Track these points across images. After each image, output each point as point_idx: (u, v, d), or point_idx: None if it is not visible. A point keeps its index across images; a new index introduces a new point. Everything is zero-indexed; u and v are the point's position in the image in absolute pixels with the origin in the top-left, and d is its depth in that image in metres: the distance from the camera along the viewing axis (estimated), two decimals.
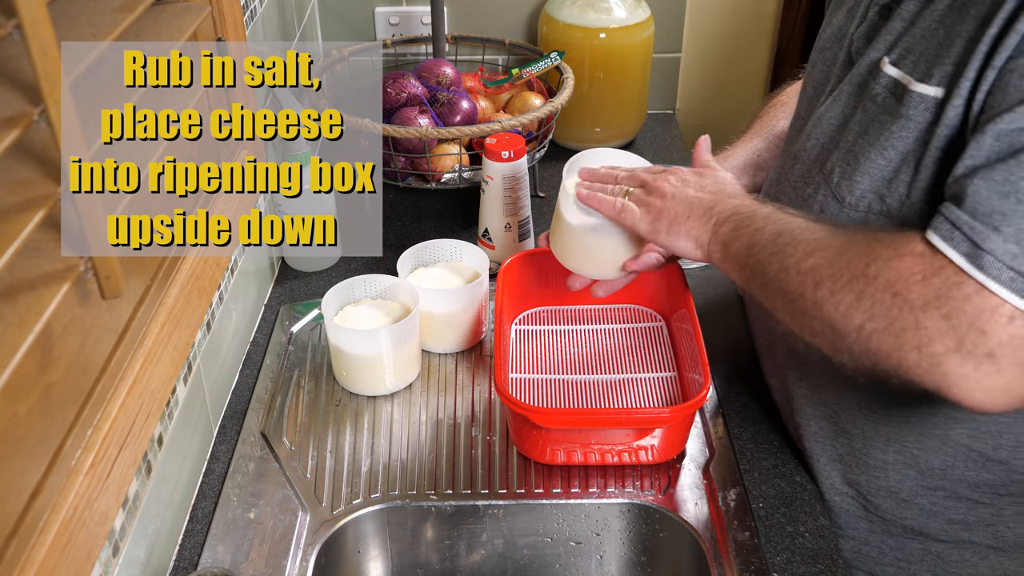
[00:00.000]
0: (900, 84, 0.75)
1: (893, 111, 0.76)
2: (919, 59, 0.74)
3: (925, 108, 0.73)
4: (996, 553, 0.86)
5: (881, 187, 0.77)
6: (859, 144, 0.79)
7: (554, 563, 0.94)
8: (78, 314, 0.62)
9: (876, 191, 0.78)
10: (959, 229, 0.66)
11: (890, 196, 0.77)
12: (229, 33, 0.91)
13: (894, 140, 0.75)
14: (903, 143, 0.75)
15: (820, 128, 0.86)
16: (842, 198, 0.81)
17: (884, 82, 0.77)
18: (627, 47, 1.48)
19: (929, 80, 0.73)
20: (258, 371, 1.06)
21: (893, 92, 0.76)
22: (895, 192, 0.76)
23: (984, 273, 0.64)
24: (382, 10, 1.60)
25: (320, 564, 0.85)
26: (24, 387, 0.55)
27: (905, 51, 0.76)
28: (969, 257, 0.65)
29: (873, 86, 0.78)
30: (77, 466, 0.60)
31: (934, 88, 0.72)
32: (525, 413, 0.88)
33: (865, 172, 0.78)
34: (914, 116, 0.74)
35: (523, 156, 1.19)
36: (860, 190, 0.79)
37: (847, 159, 0.80)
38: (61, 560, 0.57)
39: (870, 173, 0.78)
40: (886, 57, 0.78)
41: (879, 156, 0.77)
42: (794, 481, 0.91)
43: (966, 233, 0.66)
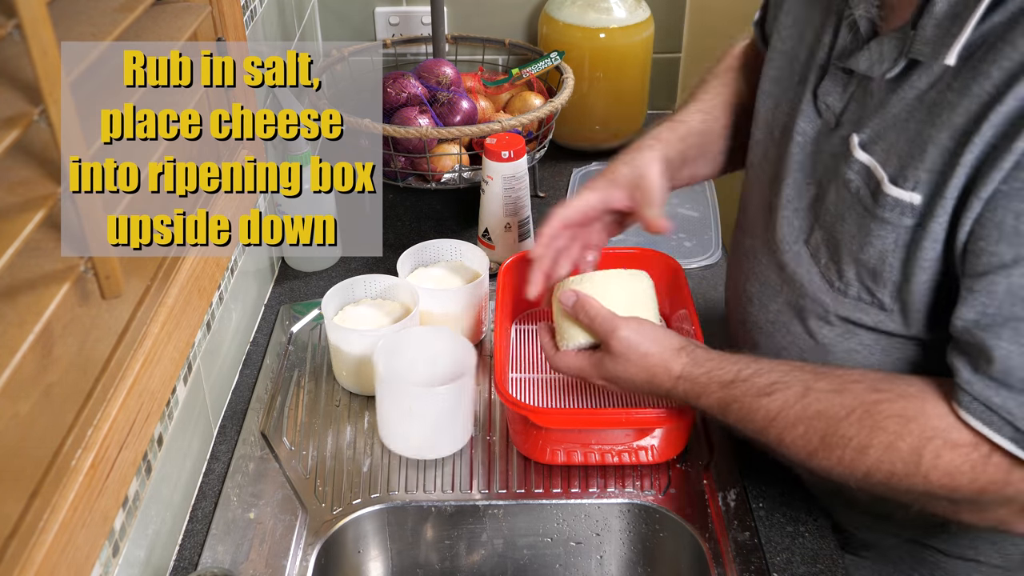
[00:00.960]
0: (873, 178, 0.72)
1: (870, 209, 0.73)
2: (890, 151, 0.72)
3: (902, 212, 0.70)
4: (1003, 573, 0.86)
5: (868, 280, 0.75)
6: (839, 230, 0.76)
7: (554, 563, 0.94)
8: (78, 314, 0.62)
9: (862, 282, 0.76)
10: (996, 412, 0.65)
11: (879, 291, 0.75)
12: (229, 33, 0.91)
13: (874, 239, 0.73)
14: (883, 243, 0.72)
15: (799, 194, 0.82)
16: (831, 282, 0.78)
17: (856, 168, 0.74)
18: (627, 47, 1.48)
19: (903, 183, 0.70)
20: (258, 371, 1.06)
21: (867, 184, 0.73)
22: (884, 288, 0.74)
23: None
24: (382, 10, 1.60)
25: (320, 564, 0.86)
26: (24, 387, 0.55)
27: (876, 135, 0.73)
28: (1016, 442, 0.65)
29: (845, 170, 0.75)
30: (77, 466, 0.60)
31: (909, 193, 0.69)
32: (525, 413, 0.88)
33: (849, 263, 0.76)
34: (892, 219, 0.71)
35: (523, 156, 1.19)
36: (847, 278, 0.77)
37: (830, 242, 0.78)
38: (61, 560, 0.57)
39: (854, 264, 0.76)
40: (856, 135, 0.75)
41: (860, 251, 0.74)
42: (794, 481, 0.91)
43: (1005, 418, 0.65)
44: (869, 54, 0.74)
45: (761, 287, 0.87)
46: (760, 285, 0.87)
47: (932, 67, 0.69)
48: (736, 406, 0.77)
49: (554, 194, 1.43)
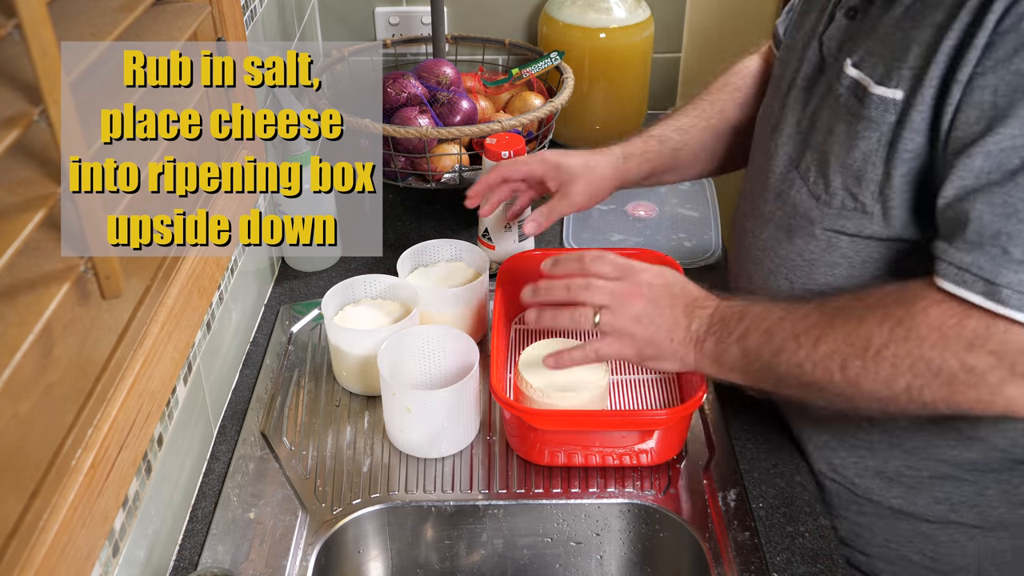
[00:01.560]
0: (860, 85, 0.78)
1: (855, 112, 0.78)
2: (877, 61, 0.77)
3: (885, 110, 0.75)
4: (982, 532, 0.88)
5: (851, 184, 0.80)
6: (828, 143, 0.82)
7: (554, 563, 0.94)
8: (78, 314, 0.62)
9: (847, 188, 0.80)
10: (968, 271, 0.68)
11: (862, 193, 0.79)
12: (229, 33, 0.91)
13: (859, 140, 0.78)
14: (867, 143, 0.77)
15: (794, 127, 0.88)
16: (817, 195, 0.83)
17: (846, 83, 0.79)
18: (627, 47, 1.48)
19: (887, 83, 0.75)
20: (258, 371, 1.06)
21: (854, 93, 0.78)
22: (866, 189, 0.79)
23: (1007, 307, 0.67)
24: (382, 10, 1.60)
25: (320, 564, 0.86)
26: (24, 387, 0.55)
27: (866, 53, 0.79)
28: (987, 295, 0.68)
29: (837, 87, 0.81)
30: (77, 466, 0.60)
31: (892, 91, 0.75)
32: (520, 415, 0.88)
33: (836, 171, 0.81)
34: (875, 117, 0.76)
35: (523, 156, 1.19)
36: (833, 187, 0.81)
37: (819, 158, 0.83)
38: (61, 560, 0.57)
39: (840, 171, 0.80)
40: (848, 59, 0.80)
41: (846, 155, 0.79)
42: (794, 481, 0.91)
43: (975, 273, 0.68)
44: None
45: (755, 220, 0.92)
46: (754, 219, 0.92)
47: None
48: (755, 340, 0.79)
49: None
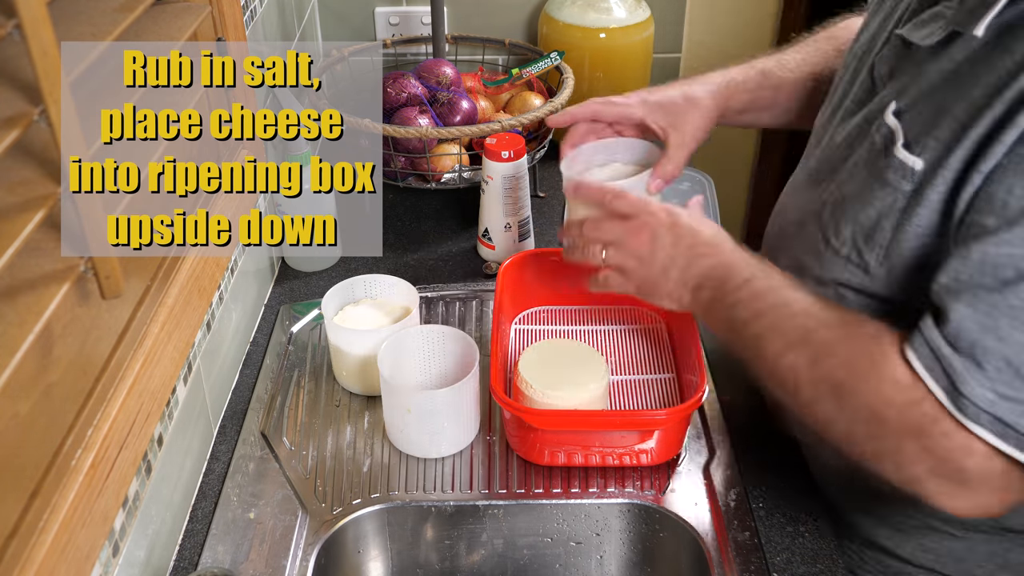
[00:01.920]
0: (892, 139, 0.74)
1: (879, 167, 0.74)
2: (916, 119, 0.73)
3: (903, 176, 0.72)
4: None
5: (860, 242, 0.77)
6: (847, 188, 0.79)
7: (554, 563, 0.94)
8: (78, 314, 0.62)
9: (855, 244, 0.77)
10: (939, 362, 0.66)
11: (868, 253, 0.76)
12: (229, 33, 0.91)
13: (875, 200, 0.75)
14: (882, 204, 0.74)
15: (829, 150, 0.85)
16: (828, 239, 0.80)
17: (883, 131, 0.75)
18: (627, 47, 1.48)
19: (913, 149, 0.71)
20: (258, 371, 1.06)
21: (885, 146, 0.75)
22: (873, 251, 0.76)
23: (963, 414, 0.65)
24: (382, 10, 1.60)
25: (320, 564, 0.85)
26: (24, 387, 0.55)
27: (910, 104, 0.74)
28: (948, 394, 0.66)
29: (874, 131, 0.77)
30: (77, 466, 0.60)
31: (913, 158, 0.71)
32: (520, 415, 0.88)
33: (848, 222, 0.78)
34: (893, 181, 0.73)
35: (523, 156, 1.19)
36: (843, 236, 0.78)
37: (837, 202, 0.80)
38: (61, 560, 0.57)
39: (852, 224, 0.77)
40: (894, 102, 0.75)
41: (860, 212, 0.76)
42: (794, 481, 0.91)
43: (945, 368, 0.66)
44: (922, 23, 0.75)
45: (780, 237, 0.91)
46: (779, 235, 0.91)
47: (971, 41, 0.69)
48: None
49: (554, 194, 1.43)
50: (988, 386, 0.64)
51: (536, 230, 1.31)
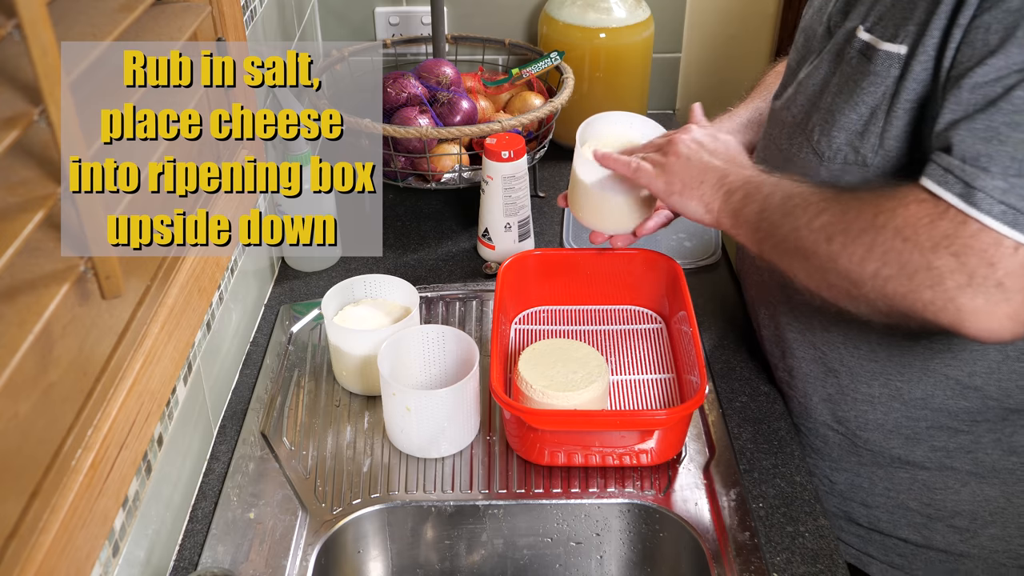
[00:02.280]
0: (870, 46, 0.82)
1: (864, 69, 0.82)
2: (887, 23, 0.81)
3: (890, 64, 0.80)
4: (976, 479, 0.92)
5: (854, 139, 0.83)
6: (835, 103, 0.85)
7: (554, 563, 0.94)
8: (78, 314, 0.62)
9: (850, 143, 0.84)
10: (951, 172, 0.72)
11: (863, 147, 0.83)
12: (229, 33, 0.91)
13: (864, 95, 0.82)
14: (872, 97, 0.81)
15: (802, 93, 0.91)
16: (821, 153, 0.87)
17: (858, 46, 0.83)
18: (627, 47, 1.48)
19: (895, 40, 0.79)
20: (258, 371, 1.06)
21: (864, 53, 0.82)
22: (867, 143, 0.83)
23: (978, 209, 0.70)
24: (382, 10, 1.60)
25: (320, 564, 0.86)
26: (24, 387, 0.55)
27: (878, 18, 0.82)
28: (963, 196, 0.71)
29: (848, 51, 0.84)
30: (77, 466, 0.60)
31: (898, 46, 0.79)
32: (520, 415, 0.88)
33: (840, 127, 0.84)
34: (881, 72, 0.80)
35: (523, 156, 1.19)
36: (836, 144, 0.85)
37: (825, 118, 0.86)
38: (61, 560, 0.57)
39: (844, 128, 0.84)
40: (861, 25, 0.84)
41: (851, 111, 0.83)
42: (794, 481, 0.92)
43: (957, 175, 0.71)
44: None
45: None
46: None
47: None
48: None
49: (554, 194, 1.43)
50: (999, 177, 0.69)
51: (536, 230, 1.31)
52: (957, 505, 0.93)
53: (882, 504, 0.96)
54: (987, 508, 0.93)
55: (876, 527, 0.97)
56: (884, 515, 0.96)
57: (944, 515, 0.94)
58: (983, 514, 0.93)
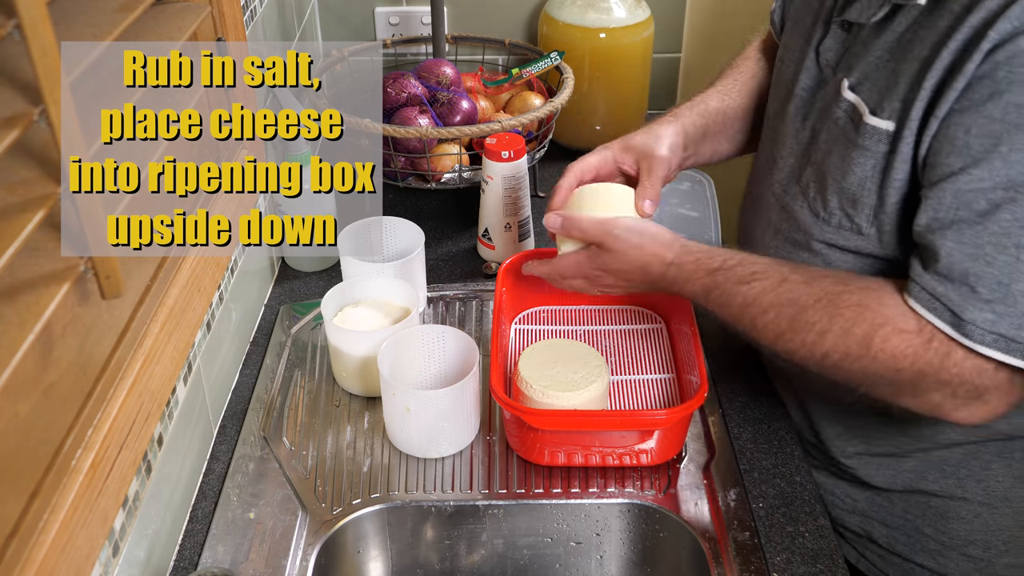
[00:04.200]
0: (857, 111, 0.81)
1: (852, 139, 0.81)
2: (872, 88, 0.80)
3: (879, 139, 0.79)
4: (988, 509, 0.91)
5: (847, 207, 0.83)
6: (826, 164, 0.85)
7: (554, 563, 0.94)
8: (78, 314, 0.62)
9: (843, 209, 0.84)
10: (939, 300, 0.73)
11: (858, 216, 0.83)
12: (229, 33, 0.91)
13: (854, 167, 0.81)
14: (862, 169, 0.81)
15: (796, 141, 0.91)
16: (817, 212, 0.87)
17: (844, 106, 0.83)
18: (627, 47, 1.48)
19: (880, 113, 0.79)
20: (258, 371, 1.06)
21: (851, 118, 0.82)
22: (862, 212, 0.82)
23: (970, 339, 0.72)
24: (382, 10, 1.60)
25: (320, 564, 0.86)
26: (24, 387, 0.55)
27: (862, 77, 0.82)
28: (954, 326, 0.73)
29: (835, 109, 0.84)
30: (77, 466, 0.60)
31: (885, 122, 0.78)
32: (520, 415, 0.88)
33: (833, 192, 0.84)
34: (870, 147, 0.80)
35: (523, 156, 1.19)
36: (831, 206, 0.85)
37: (818, 177, 0.86)
38: (61, 560, 0.57)
39: (837, 193, 0.84)
40: (846, 79, 0.83)
41: (843, 178, 0.83)
42: (794, 481, 0.92)
43: (946, 304, 0.73)
44: (860, 5, 0.83)
45: (763, 228, 0.96)
46: (763, 226, 0.96)
47: (912, 10, 0.78)
48: (717, 292, 0.85)
49: None
50: (987, 308, 0.71)
51: (536, 230, 1.31)
52: (970, 534, 0.92)
53: (900, 526, 0.95)
54: (1000, 537, 0.92)
55: (895, 550, 0.96)
56: (902, 537, 0.95)
57: (958, 543, 0.93)
58: (997, 543, 0.92)
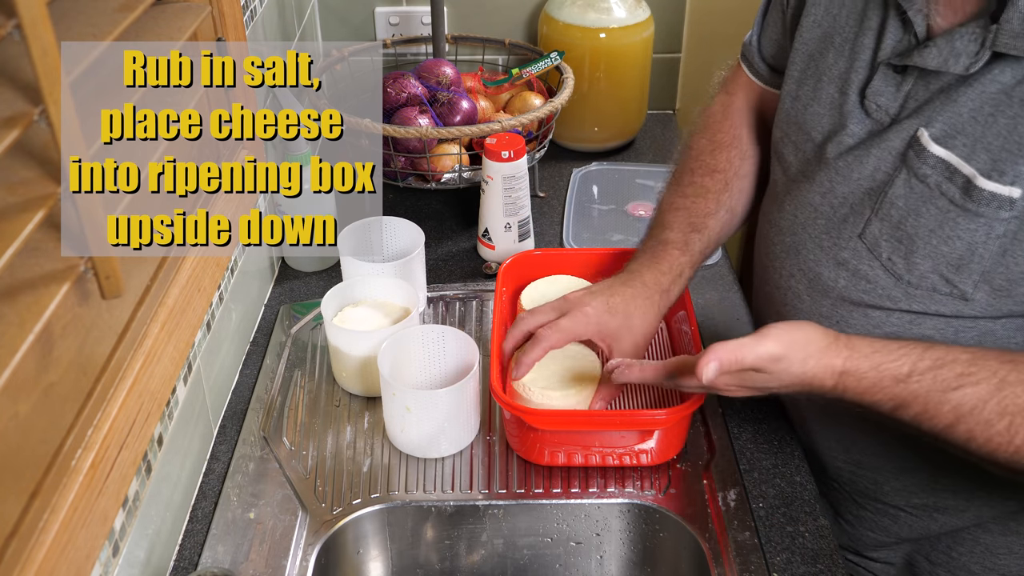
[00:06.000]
0: (959, 173, 0.73)
1: (960, 204, 0.73)
2: (975, 146, 0.72)
3: (999, 206, 0.71)
4: None
5: (947, 272, 0.75)
6: (913, 226, 0.76)
7: (554, 563, 0.94)
8: (78, 314, 0.62)
9: (941, 274, 0.76)
10: None
11: (961, 281, 0.75)
12: (229, 33, 0.91)
13: (961, 232, 0.73)
14: (973, 236, 0.73)
15: (845, 184, 0.82)
16: (899, 276, 0.78)
17: (932, 162, 0.74)
18: (627, 47, 1.48)
19: (1000, 178, 0.70)
20: (258, 371, 1.06)
21: (951, 180, 0.73)
22: (967, 278, 0.75)
23: None
24: (382, 10, 1.60)
25: (320, 564, 0.86)
26: (24, 387, 0.55)
27: (952, 130, 0.73)
28: None
29: (919, 165, 0.75)
30: (77, 466, 0.60)
31: (1008, 188, 0.70)
32: (519, 415, 0.88)
33: (926, 256, 0.76)
34: (987, 213, 0.72)
35: (523, 156, 1.19)
36: (920, 271, 0.77)
37: (899, 238, 0.77)
38: (61, 560, 0.57)
39: (932, 257, 0.75)
40: (924, 130, 0.75)
41: (942, 244, 0.74)
42: (794, 481, 0.92)
43: None
44: (938, 50, 0.74)
45: (811, 283, 0.86)
46: (809, 281, 0.86)
47: (1021, 61, 0.70)
48: (917, 403, 0.72)
49: (554, 194, 1.43)
50: None
51: (536, 230, 1.31)
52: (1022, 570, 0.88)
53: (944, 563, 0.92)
54: None
55: None
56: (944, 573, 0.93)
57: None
58: None
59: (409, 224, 1.15)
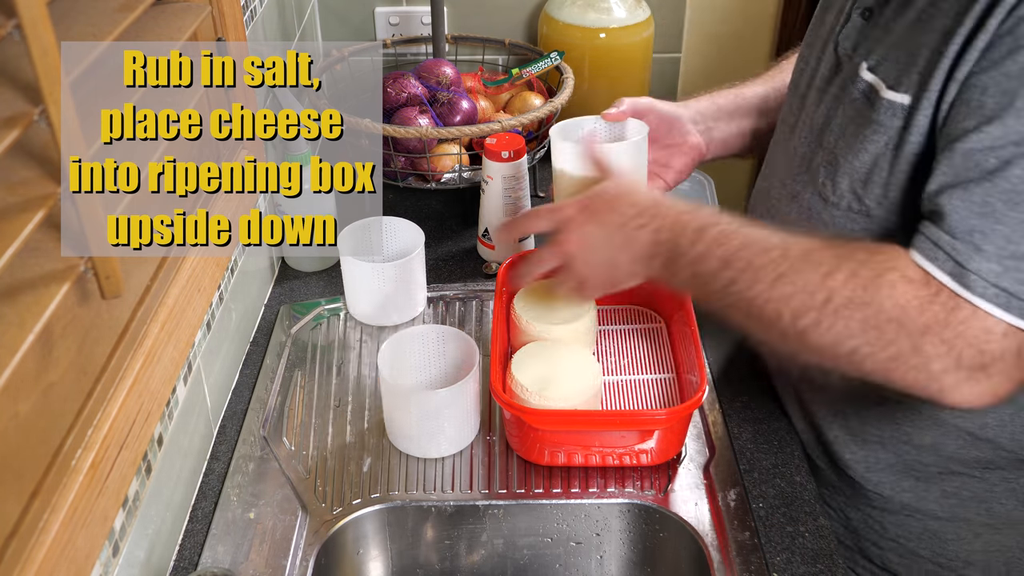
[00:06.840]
0: (874, 89, 0.79)
1: (867, 116, 0.79)
2: (891, 66, 0.78)
3: (894, 114, 0.77)
4: (990, 530, 0.89)
5: (858, 187, 0.81)
6: (839, 146, 0.83)
7: (554, 563, 0.94)
8: (78, 314, 0.62)
9: (854, 191, 0.82)
10: (941, 248, 0.70)
11: (867, 196, 0.81)
12: (229, 33, 0.91)
13: (867, 143, 0.79)
14: (875, 146, 0.79)
15: (808, 128, 0.89)
16: (826, 197, 0.85)
17: (861, 87, 0.81)
18: (627, 47, 1.48)
19: (898, 88, 0.77)
20: (258, 371, 1.06)
21: (867, 97, 0.80)
22: (871, 192, 0.80)
23: (971, 292, 0.68)
24: (382, 10, 1.60)
25: (320, 564, 0.86)
26: (24, 387, 0.55)
27: (882, 57, 0.80)
28: (955, 277, 0.69)
29: (851, 90, 0.82)
30: (77, 466, 0.60)
31: (901, 95, 0.76)
32: (519, 415, 0.88)
33: (844, 173, 0.82)
34: (884, 121, 0.78)
35: (523, 156, 1.19)
36: (840, 189, 0.83)
37: (829, 160, 0.84)
38: (61, 560, 0.57)
39: (848, 174, 0.82)
40: (864, 62, 0.81)
41: (855, 158, 0.81)
42: (794, 481, 0.92)
43: (949, 253, 0.69)
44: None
45: (772, 220, 0.92)
46: (771, 219, 0.93)
47: None
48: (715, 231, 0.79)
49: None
50: (994, 260, 0.68)
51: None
52: (970, 555, 0.91)
53: (893, 548, 0.94)
54: (1001, 558, 0.91)
55: (888, 567, 0.95)
56: (895, 558, 0.94)
57: (956, 565, 0.91)
58: (997, 565, 0.91)
59: (409, 224, 1.16)
